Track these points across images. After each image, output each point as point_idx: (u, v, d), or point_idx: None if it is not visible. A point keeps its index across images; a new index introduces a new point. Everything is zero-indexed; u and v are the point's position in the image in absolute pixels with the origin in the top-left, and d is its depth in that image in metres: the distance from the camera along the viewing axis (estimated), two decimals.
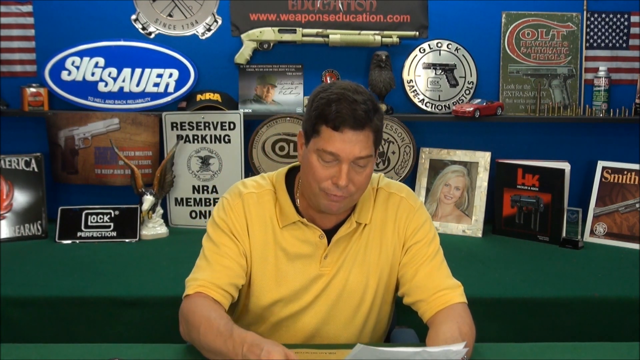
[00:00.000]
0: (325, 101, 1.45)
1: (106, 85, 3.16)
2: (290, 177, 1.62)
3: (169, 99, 3.19)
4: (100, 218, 3.00)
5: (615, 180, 3.05)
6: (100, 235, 2.97)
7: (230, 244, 1.55)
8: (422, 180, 3.21)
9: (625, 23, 3.23)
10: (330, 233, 1.59)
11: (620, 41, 3.25)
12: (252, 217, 1.57)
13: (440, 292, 1.55)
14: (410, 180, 3.23)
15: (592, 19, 3.23)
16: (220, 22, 3.21)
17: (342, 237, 1.59)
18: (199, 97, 3.15)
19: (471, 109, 3.07)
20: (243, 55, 3.16)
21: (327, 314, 1.61)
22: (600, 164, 3.10)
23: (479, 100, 3.14)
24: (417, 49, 3.22)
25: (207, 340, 1.40)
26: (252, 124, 3.18)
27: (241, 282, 1.56)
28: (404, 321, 1.85)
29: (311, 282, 1.59)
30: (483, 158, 3.15)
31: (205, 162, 3.15)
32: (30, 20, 3.16)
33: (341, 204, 1.51)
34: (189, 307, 1.49)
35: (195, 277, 1.54)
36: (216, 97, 3.15)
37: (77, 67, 3.14)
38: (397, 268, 1.63)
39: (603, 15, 3.23)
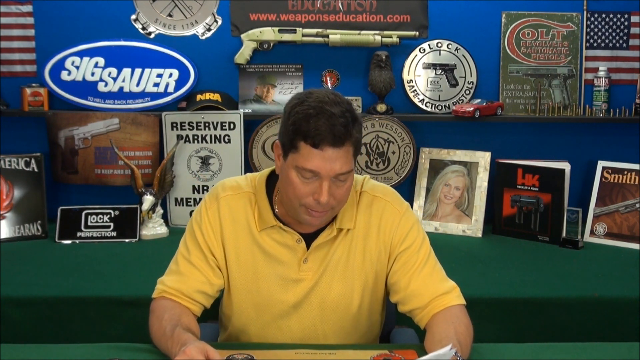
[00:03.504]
0: (302, 116, 1.40)
1: (106, 85, 3.16)
2: (271, 181, 1.59)
3: (169, 99, 3.19)
4: (100, 218, 3.00)
5: (615, 180, 3.05)
6: (100, 235, 2.97)
7: (199, 254, 1.58)
8: (422, 180, 3.21)
9: (625, 23, 3.23)
10: (309, 237, 1.57)
11: (620, 41, 3.24)
12: (227, 221, 1.58)
13: (436, 298, 1.54)
14: (410, 180, 3.23)
15: (592, 19, 3.23)
16: (220, 22, 3.21)
17: (323, 243, 1.56)
18: (199, 97, 3.15)
19: (471, 109, 3.07)
20: (243, 55, 3.16)
21: (313, 320, 1.59)
22: (600, 164, 3.10)
23: (479, 100, 3.14)
24: (417, 49, 3.22)
25: (156, 340, 1.49)
26: (252, 124, 3.18)
27: (209, 290, 1.58)
28: (403, 321, 1.85)
29: (291, 286, 1.57)
30: (483, 158, 3.15)
31: (205, 162, 3.15)
32: (30, 20, 3.16)
33: (322, 218, 1.50)
34: (152, 309, 1.56)
35: (162, 280, 1.60)
36: (216, 97, 3.15)
37: (77, 67, 3.14)
38: (383, 274, 1.60)
39: (603, 15, 3.23)
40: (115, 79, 3.16)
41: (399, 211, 1.60)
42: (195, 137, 3.13)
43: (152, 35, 3.20)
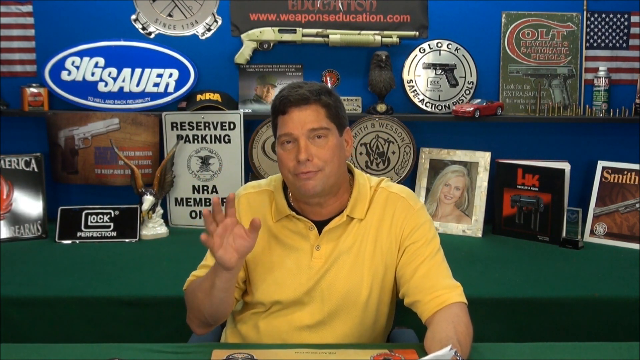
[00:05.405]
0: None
1: (106, 85, 3.16)
2: None
3: (169, 99, 3.19)
4: (100, 218, 3.00)
5: (615, 180, 3.05)
6: (100, 235, 2.97)
7: None
8: (422, 180, 3.21)
9: (625, 23, 3.23)
10: (322, 225, 1.62)
11: (620, 41, 3.24)
12: (246, 215, 1.65)
13: (438, 292, 1.55)
14: (410, 180, 3.23)
15: (592, 19, 3.23)
16: (220, 22, 3.21)
17: (334, 229, 1.62)
18: (199, 97, 3.15)
19: (471, 109, 3.07)
20: (243, 55, 3.16)
21: (322, 308, 1.62)
22: (600, 164, 3.10)
23: (479, 100, 3.14)
24: (417, 49, 3.22)
25: (199, 293, 1.55)
26: (252, 124, 3.18)
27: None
28: (403, 322, 1.85)
29: (304, 273, 1.61)
30: (483, 158, 3.15)
31: (205, 162, 3.15)
32: (30, 20, 3.16)
33: (315, 181, 1.55)
34: (186, 294, 1.64)
35: (193, 273, 1.69)
36: (216, 97, 3.15)
37: (77, 67, 3.14)
38: (393, 266, 1.63)
39: (603, 15, 3.23)
40: (115, 79, 3.16)
41: (413, 207, 1.65)
42: (195, 137, 3.13)
43: (152, 35, 3.20)
